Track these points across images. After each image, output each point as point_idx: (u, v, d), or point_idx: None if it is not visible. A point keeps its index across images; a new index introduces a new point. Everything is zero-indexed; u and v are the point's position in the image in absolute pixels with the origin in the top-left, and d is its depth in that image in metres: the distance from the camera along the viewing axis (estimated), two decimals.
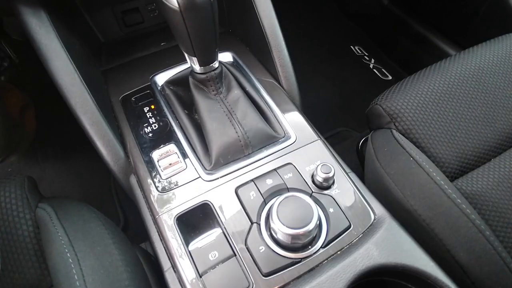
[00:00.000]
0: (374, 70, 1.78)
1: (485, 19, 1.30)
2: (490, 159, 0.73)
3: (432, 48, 1.57)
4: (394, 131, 0.72)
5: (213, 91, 0.67)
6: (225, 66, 0.70)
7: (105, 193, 1.36)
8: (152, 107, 0.72)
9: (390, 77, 1.74)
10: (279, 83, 0.76)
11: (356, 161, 1.10)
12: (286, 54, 0.75)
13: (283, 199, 0.51)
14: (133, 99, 0.73)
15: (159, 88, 0.75)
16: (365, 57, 1.84)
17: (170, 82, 0.74)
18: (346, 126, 1.57)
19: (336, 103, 1.68)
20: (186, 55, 0.61)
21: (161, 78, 0.76)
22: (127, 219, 1.28)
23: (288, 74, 0.76)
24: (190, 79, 0.67)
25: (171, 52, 0.85)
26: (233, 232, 0.54)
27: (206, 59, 0.62)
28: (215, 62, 0.64)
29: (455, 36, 1.49)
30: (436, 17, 1.55)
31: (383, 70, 1.78)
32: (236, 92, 0.68)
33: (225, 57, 0.82)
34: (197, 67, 0.63)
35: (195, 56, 0.60)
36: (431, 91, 0.75)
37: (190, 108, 0.72)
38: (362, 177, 0.77)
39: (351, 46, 1.90)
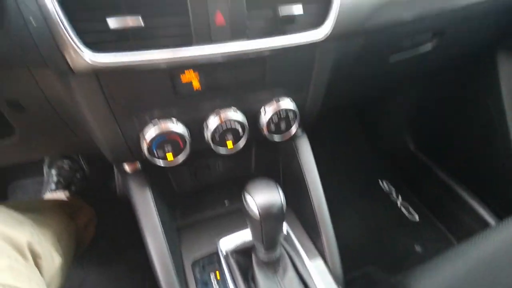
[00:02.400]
0: (402, 207, 1.89)
1: None
2: None
3: (457, 198, 1.67)
4: None
5: (271, 270, 0.80)
6: (283, 247, 0.84)
7: None
8: (217, 273, 0.85)
9: (417, 219, 1.82)
10: (324, 260, 0.88)
11: None
12: (332, 236, 0.89)
13: None
14: (201, 264, 0.87)
15: (224, 254, 0.89)
16: (393, 193, 1.97)
17: (234, 251, 0.88)
18: (373, 261, 1.61)
19: (364, 238, 1.75)
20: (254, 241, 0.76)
21: (226, 244, 0.90)
22: None
23: (333, 253, 0.88)
24: (253, 257, 0.81)
25: (235, 215, 1.02)
26: None
27: (270, 247, 0.76)
28: (277, 249, 0.78)
29: (482, 193, 1.58)
30: (463, 171, 1.65)
31: (410, 208, 1.88)
32: (291, 274, 0.80)
33: None
34: (261, 251, 0.78)
35: (263, 244, 0.74)
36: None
37: (248, 277, 0.84)
38: None
39: (379, 180, 2.05)
